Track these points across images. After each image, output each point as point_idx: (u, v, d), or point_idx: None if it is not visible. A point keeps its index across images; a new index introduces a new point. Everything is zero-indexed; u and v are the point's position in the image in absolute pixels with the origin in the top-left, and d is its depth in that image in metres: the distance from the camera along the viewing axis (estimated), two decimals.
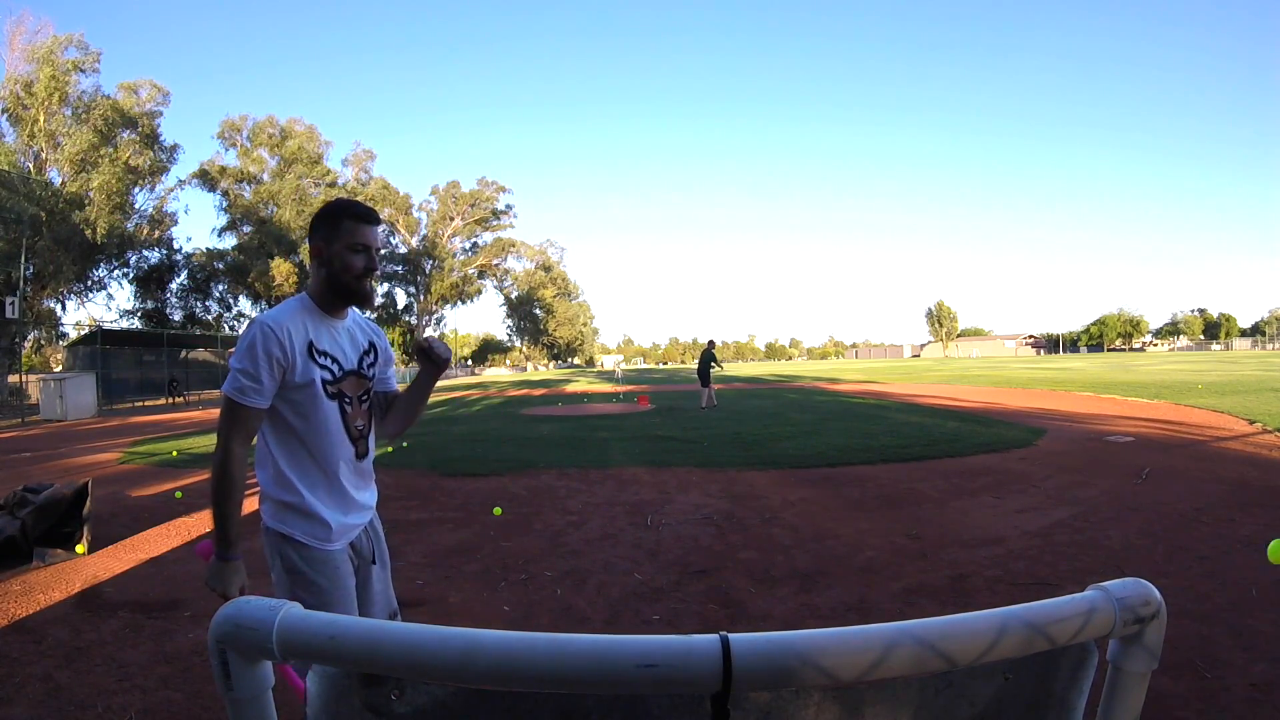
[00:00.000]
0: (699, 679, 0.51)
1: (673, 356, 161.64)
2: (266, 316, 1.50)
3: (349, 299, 1.59)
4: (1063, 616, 0.57)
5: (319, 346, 1.53)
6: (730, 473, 6.53)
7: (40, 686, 2.50)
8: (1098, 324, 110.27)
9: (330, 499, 1.56)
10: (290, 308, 1.55)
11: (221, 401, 1.49)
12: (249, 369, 1.44)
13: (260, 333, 1.45)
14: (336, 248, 1.53)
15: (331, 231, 1.54)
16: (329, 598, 1.52)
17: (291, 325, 1.50)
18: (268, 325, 1.47)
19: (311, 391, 1.51)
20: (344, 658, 0.55)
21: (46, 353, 38.44)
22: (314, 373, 1.51)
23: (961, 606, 3.06)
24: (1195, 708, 2.14)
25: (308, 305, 1.57)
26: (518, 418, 13.82)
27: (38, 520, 4.18)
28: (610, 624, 3.02)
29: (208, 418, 16.73)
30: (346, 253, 1.53)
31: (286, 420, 1.52)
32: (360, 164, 43.65)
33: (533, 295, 58.47)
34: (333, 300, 1.58)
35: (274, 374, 1.47)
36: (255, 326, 1.47)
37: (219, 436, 1.48)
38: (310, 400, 1.52)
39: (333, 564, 1.56)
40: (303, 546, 1.52)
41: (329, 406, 1.54)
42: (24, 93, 24.24)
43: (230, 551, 1.47)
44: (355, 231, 1.53)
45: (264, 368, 1.45)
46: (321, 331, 1.55)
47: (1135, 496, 5.03)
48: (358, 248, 1.53)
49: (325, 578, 1.53)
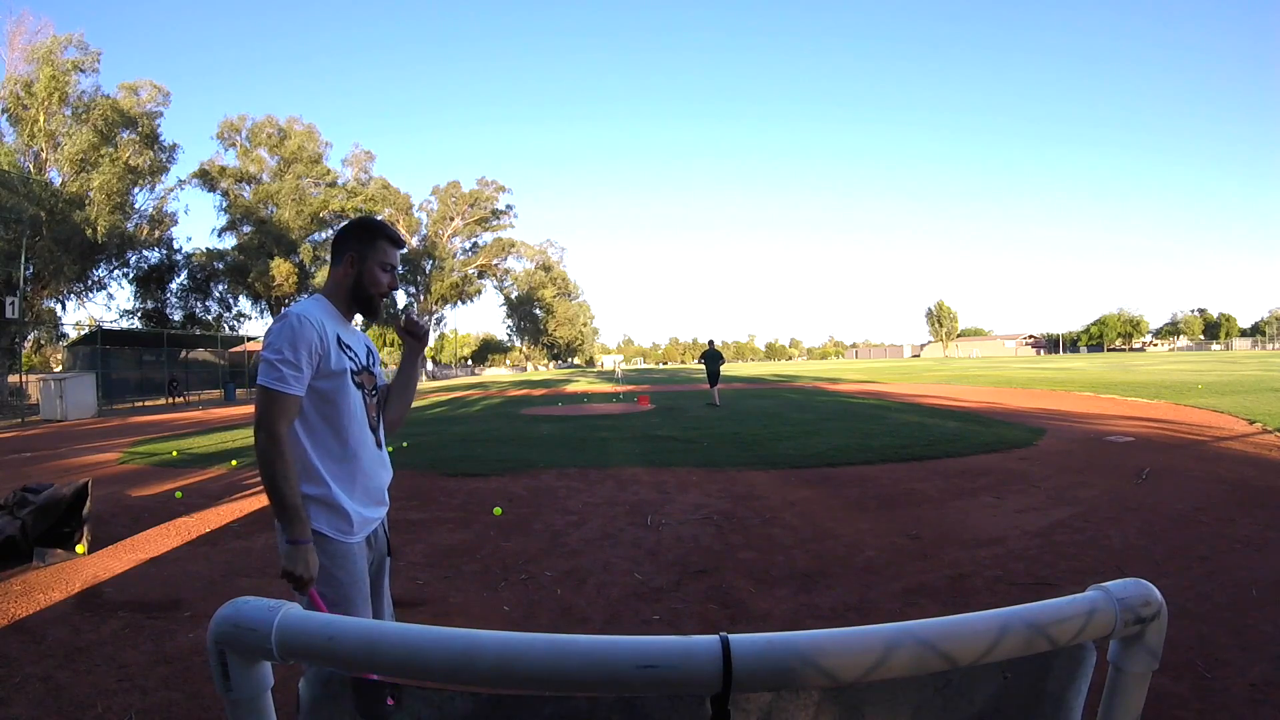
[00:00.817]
0: (699, 680, 0.50)
1: (673, 356, 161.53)
2: (300, 309, 1.57)
3: (364, 309, 1.70)
4: (1064, 617, 0.57)
5: (344, 339, 1.64)
6: (730, 473, 6.52)
7: (40, 686, 2.49)
8: (1098, 324, 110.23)
9: (354, 490, 1.61)
10: (313, 304, 1.64)
11: (258, 394, 1.52)
12: (289, 357, 1.50)
13: (299, 322, 1.53)
14: (369, 264, 1.66)
15: (367, 248, 1.66)
16: (348, 592, 1.56)
17: (323, 318, 1.60)
18: (305, 316, 1.55)
19: (342, 380, 1.59)
20: (343, 659, 0.55)
21: (46, 353, 38.44)
22: (344, 362, 1.60)
23: (962, 606, 3.07)
24: (1195, 708, 2.14)
25: (326, 305, 1.67)
26: (518, 418, 13.81)
27: (38, 520, 4.18)
28: (610, 624, 3.02)
29: (208, 418, 16.73)
30: (377, 269, 1.66)
31: (314, 409, 1.57)
32: (360, 164, 43.58)
33: (533, 295, 58.42)
34: (349, 306, 1.69)
35: (311, 362, 1.53)
36: (292, 318, 1.54)
37: (261, 426, 1.50)
38: (340, 388, 1.59)
39: (352, 557, 1.59)
40: (324, 539, 1.55)
41: (356, 395, 1.63)
42: (24, 93, 24.21)
43: (303, 534, 1.48)
44: (387, 253, 1.67)
45: (303, 356, 1.52)
46: (342, 328, 1.67)
47: (1135, 496, 5.03)
48: (387, 267, 1.67)
49: (345, 571, 1.57)
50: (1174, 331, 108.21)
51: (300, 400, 1.53)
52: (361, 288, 1.66)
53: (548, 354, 73.32)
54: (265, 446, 1.48)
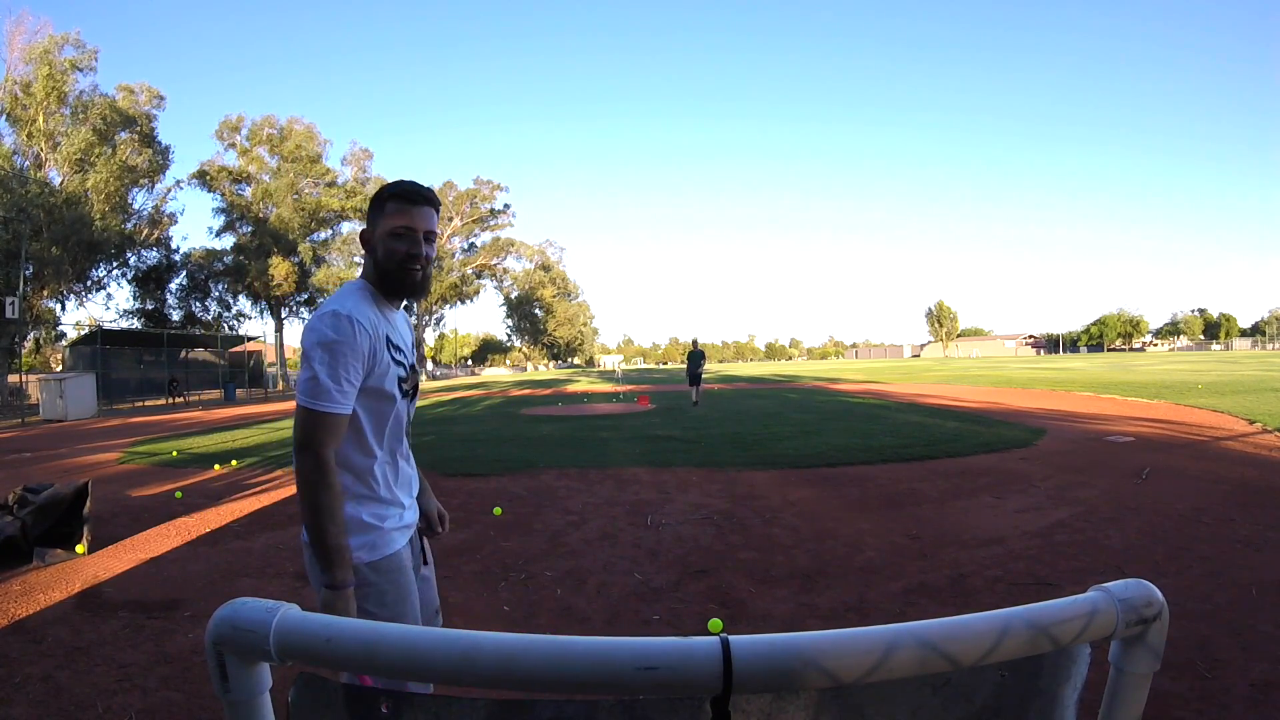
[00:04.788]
0: (699, 681, 0.50)
1: (673, 356, 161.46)
2: (348, 307, 1.33)
3: (399, 290, 1.43)
4: (1065, 618, 0.56)
5: (393, 339, 1.42)
6: (730, 473, 6.52)
7: (40, 686, 2.49)
8: (1098, 324, 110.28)
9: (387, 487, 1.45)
10: (356, 295, 1.38)
11: (300, 415, 1.29)
12: (339, 371, 1.28)
13: (352, 327, 1.30)
14: (379, 232, 1.40)
15: (376, 215, 1.41)
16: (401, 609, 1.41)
17: (373, 315, 1.37)
18: (356, 318, 1.31)
19: (390, 391, 1.40)
20: (341, 660, 0.55)
21: (46, 353, 38.42)
22: (391, 367, 1.40)
23: (962, 607, 3.07)
24: (1195, 708, 2.13)
25: (370, 292, 1.42)
26: (518, 418, 13.81)
27: (38, 520, 4.18)
28: (610, 624, 3.02)
29: (208, 418, 16.73)
30: (388, 237, 1.39)
31: (357, 423, 1.37)
32: (359, 163, 43.55)
33: (532, 295, 58.44)
34: (386, 290, 1.43)
35: (362, 373, 1.33)
36: (342, 322, 1.30)
37: (304, 447, 1.27)
38: (387, 402, 1.40)
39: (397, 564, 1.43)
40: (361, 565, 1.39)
41: (401, 402, 1.44)
42: (23, 93, 24.22)
43: (344, 578, 1.27)
44: (398, 213, 1.39)
45: (354, 368, 1.31)
46: (390, 322, 1.44)
47: (1135, 496, 5.03)
48: (400, 230, 1.38)
49: (391, 584, 1.40)
50: (1174, 331, 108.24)
51: (347, 419, 1.32)
52: (381, 265, 1.40)
53: (547, 354, 73.33)
54: (310, 474, 1.27)
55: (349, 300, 1.36)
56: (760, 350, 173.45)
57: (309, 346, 1.31)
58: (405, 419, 1.49)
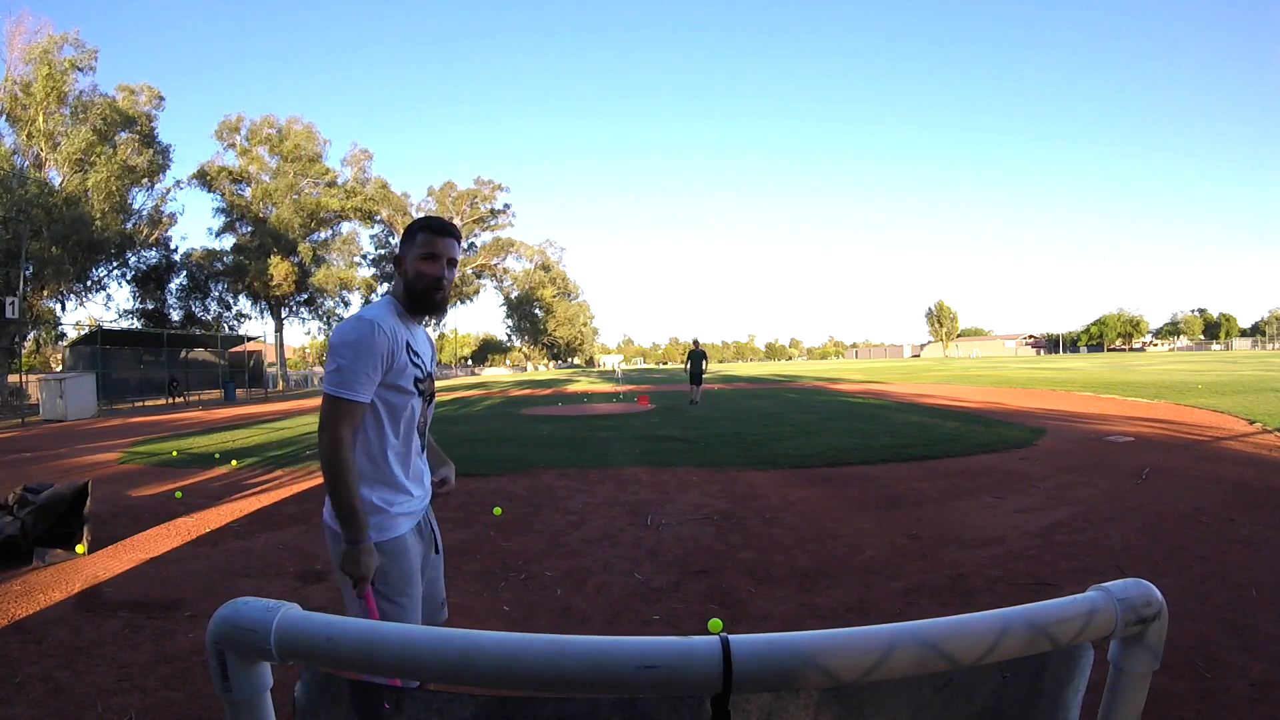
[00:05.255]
0: (699, 681, 0.50)
1: (673, 356, 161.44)
2: (372, 314, 1.57)
3: (423, 308, 1.67)
4: (1065, 617, 0.57)
5: (413, 345, 1.65)
6: (730, 473, 6.52)
7: (40, 686, 2.49)
8: (1098, 324, 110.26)
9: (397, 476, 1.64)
10: (383, 307, 1.63)
11: (324, 400, 1.53)
12: (359, 365, 1.51)
13: (372, 329, 1.53)
14: (411, 258, 1.64)
15: (408, 246, 1.66)
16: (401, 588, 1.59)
17: (395, 324, 1.60)
18: (378, 323, 1.54)
19: (406, 387, 1.61)
20: (342, 659, 0.55)
21: (46, 353, 38.44)
22: (409, 369, 1.62)
23: (962, 606, 3.07)
24: (1195, 708, 2.14)
25: (396, 308, 1.65)
26: (518, 418, 13.81)
27: (38, 520, 4.18)
28: (610, 624, 3.02)
29: (208, 418, 16.73)
30: (418, 261, 1.64)
31: (375, 413, 1.59)
32: (358, 163, 43.54)
33: (532, 295, 58.45)
34: (411, 307, 1.67)
35: (380, 369, 1.54)
36: (365, 325, 1.54)
37: (325, 428, 1.51)
38: (403, 395, 1.61)
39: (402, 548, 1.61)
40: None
41: (416, 402, 1.66)
42: (22, 93, 24.21)
43: (359, 535, 1.50)
44: (427, 243, 1.64)
45: (373, 362, 1.53)
46: (412, 332, 1.68)
47: (1135, 496, 5.03)
48: (429, 255, 1.63)
49: (394, 564, 1.59)
50: (1174, 331, 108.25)
51: (364, 408, 1.54)
52: (410, 286, 1.65)
53: (547, 354, 73.28)
54: (329, 449, 1.50)
55: (376, 310, 1.61)
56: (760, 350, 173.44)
57: (336, 343, 1.54)
58: (419, 416, 1.69)
